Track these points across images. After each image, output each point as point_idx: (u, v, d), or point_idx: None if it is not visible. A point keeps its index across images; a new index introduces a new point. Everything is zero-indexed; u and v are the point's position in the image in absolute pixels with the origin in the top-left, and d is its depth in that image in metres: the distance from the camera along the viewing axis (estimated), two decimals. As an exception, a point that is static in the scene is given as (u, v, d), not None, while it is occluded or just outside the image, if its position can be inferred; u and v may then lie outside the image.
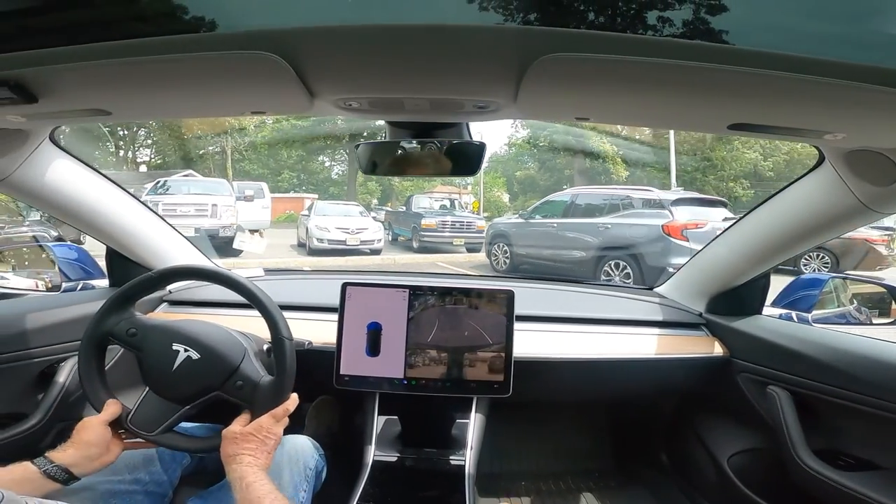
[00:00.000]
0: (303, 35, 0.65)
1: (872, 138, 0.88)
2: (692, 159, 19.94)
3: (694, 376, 1.61)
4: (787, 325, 1.50)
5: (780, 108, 0.75)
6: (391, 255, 10.39)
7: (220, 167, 19.00)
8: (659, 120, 1.06)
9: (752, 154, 20.17)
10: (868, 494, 1.12)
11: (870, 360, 1.20)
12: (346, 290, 1.35)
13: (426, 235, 10.74)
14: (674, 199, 6.81)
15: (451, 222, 10.99)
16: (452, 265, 9.24)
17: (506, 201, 22.23)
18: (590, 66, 0.65)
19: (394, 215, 13.61)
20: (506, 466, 1.98)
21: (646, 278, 6.19)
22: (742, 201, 20.05)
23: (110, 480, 1.04)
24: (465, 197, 17.85)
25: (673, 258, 5.96)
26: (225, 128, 17.44)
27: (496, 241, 8.91)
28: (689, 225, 6.25)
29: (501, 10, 0.61)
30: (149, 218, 1.56)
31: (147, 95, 0.87)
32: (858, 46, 0.60)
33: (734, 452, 1.54)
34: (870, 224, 1.61)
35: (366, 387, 1.34)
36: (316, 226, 10.30)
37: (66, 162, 1.27)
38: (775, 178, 20.89)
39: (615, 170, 19.38)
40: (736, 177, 20.86)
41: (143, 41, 0.66)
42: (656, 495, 1.83)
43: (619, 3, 0.60)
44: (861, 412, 1.19)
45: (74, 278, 1.60)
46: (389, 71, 0.76)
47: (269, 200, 13.80)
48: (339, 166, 24.44)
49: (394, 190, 22.97)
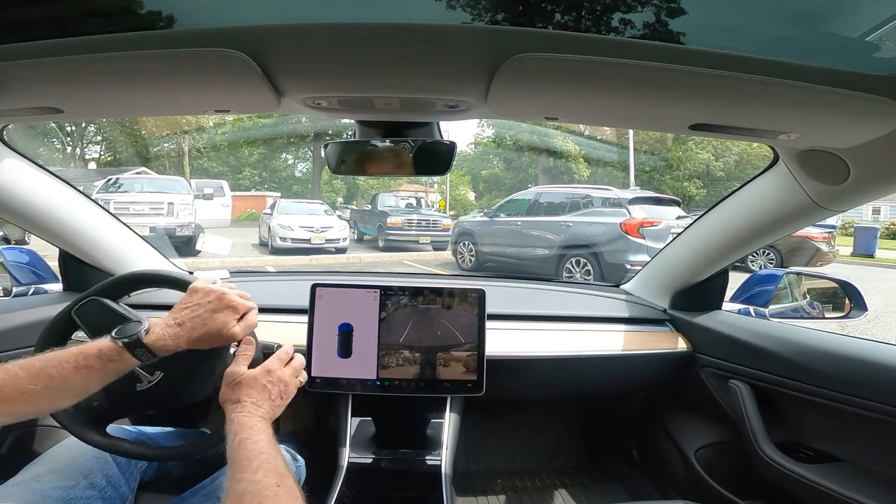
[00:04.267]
0: (270, 33, 0.65)
1: (824, 138, 0.91)
2: (650, 159, 20.54)
3: (660, 371, 1.65)
4: (745, 320, 1.54)
5: (738, 108, 0.78)
6: (357, 254, 10.32)
7: (177, 165, 18.38)
8: (624, 120, 1.09)
9: (704, 154, 21.00)
10: (828, 486, 1.16)
11: (825, 354, 1.24)
12: (316, 291, 1.33)
13: (392, 234, 10.80)
14: (630, 198, 7.09)
15: (417, 221, 11.13)
16: (418, 263, 9.39)
17: (472, 199, 22.38)
18: (558, 65, 0.66)
19: (359, 214, 13.61)
20: (481, 465, 1.99)
21: (605, 274, 6.46)
22: (696, 200, 20.83)
23: (63, 486, 0.98)
24: (432, 195, 17.98)
25: (631, 255, 6.31)
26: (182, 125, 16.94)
27: (461, 239, 9.05)
28: (645, 223, 6.56)
29: (472, 9, 0.62)
30: (104, 219, 1.50)
31: (102, 93, 0.84)
32: (811, 49, 0.63)
33: (701, 446, 1.58)
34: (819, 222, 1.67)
35: (338, 389, 1.32)
36: (279, 224, 10.14)
37: (17, 162, 1.22)
38: (726, 177, 21.89)
39: (577, 169, 19.83)
40: (690, 176, 21.71)
41: (99, 37, 0.65)
42: (628, 489, 1.87)
43: (587, 5, 0.62)
44: (819, 405, 1.24)
45: (25, 282, 1.52)
46: (359, 70, 0.76)
47: (230, 198, 13.61)
48: (303, 164, 24.07)
49: (360, 188, 22.82)
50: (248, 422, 0.81)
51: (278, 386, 0.89)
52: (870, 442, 1.20)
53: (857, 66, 0.65)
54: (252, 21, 0.64)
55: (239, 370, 0.89)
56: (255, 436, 0.78)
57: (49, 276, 1.58)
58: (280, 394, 0.89)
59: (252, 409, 0.83)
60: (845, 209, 1.15)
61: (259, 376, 0.88)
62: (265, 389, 0.87)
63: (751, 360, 1.40)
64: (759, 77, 0.64)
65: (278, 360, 0.93)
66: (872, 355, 1.17)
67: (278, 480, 0.70)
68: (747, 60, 0.63)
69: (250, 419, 0.81)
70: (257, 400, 0.85)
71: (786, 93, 0.68)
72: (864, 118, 0.77)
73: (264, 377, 0.88)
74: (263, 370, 0.90)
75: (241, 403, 0.84)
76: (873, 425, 1.15)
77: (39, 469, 1.01)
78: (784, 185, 1.16)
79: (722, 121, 0.83)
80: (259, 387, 0.87)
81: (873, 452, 1.20)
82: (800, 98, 0.70)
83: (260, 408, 0.84)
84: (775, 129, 0.86)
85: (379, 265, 9.63)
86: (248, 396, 0.85)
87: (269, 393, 0.87)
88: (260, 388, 0.87)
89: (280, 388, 0.90)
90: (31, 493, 0.93)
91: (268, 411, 0.85)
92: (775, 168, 1.17)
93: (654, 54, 0.63)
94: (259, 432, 0.79)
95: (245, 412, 0.82)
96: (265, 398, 0.86)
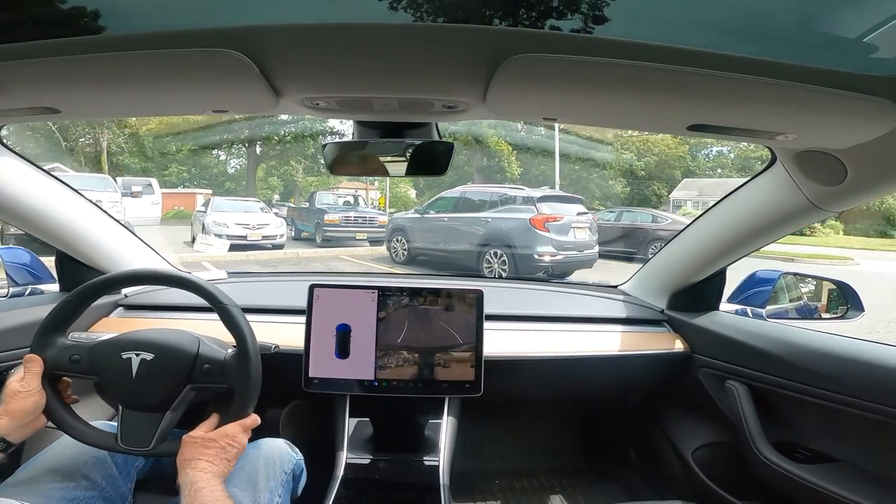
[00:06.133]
0: (268, 33, 0.65)
1: (822, 139, 0.91)
2: (579, 157, 21.24)
3: (657, 372, 1.65)
4: (742, 321, 1.55)
5: (736, 109, 0.78)
6: (294, 250, 10.46)
7: (93, 160, 17.30)
8: (622, 121, 1.09)
9: (628, 155, 21.96)
10: (825, 486, 1.17)
11: (821, 354, 1.25)
12: (314, 292, 1.32)
13: (329, 231, 11.06)
14: (539, 196, 8.00)
15: (355, 218, 11.53)
16: (354, 258, 9.74)
17: (413, 197, 22.24)
18: (557, 66, 0.67)
19: (297, 211, 13.69)
20: (479, 465, 1.99)
21: (518, 265, 7.28)
22: (620, 197, 21.86)
23: (65, 487, 0.99)
24: (372, 193, 17.79)
25: (538, 246, 7.27)
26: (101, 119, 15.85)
27: (395, 234, 9.48)
28: (550, 218, 7.49)
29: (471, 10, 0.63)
30: (100, 219, 1.49)
31: (99, 94, 0.84)
32: (809, 50, 0.63)
33: (698, 446, 1.58)
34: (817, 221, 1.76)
35: (336, 389, 1.31)
36: (214, 222, 10.11)
37: (13, 162, 1.21)
38: (647, 176, 23.04)
39: (510, 168, 20.19)
40: (615, 175, 22.62)
41: (96, 38, 0.64)
42: (626, 490, 1.87)
43: (586, 6, 0.62)
44: (815, 405, 1.24)
45: (22, 283, 1.51)
46: (358, 70, 0.75)
47: (160, 196, 13.43)
48: (237, 160, 23.01)
49: (297, 186, 22.26)
50: (203, 476, 0.87)
51: (236, 450, 0.96)
52: (866, 442, 1.20)
53: (855, 67, 0.65)
54: (250, 21, 0.63)
55: (197, 434, 0.95)
56: (210, 486, 0.85)
57: (45, 276, 1.57)
58: (235, 455, 0.96)
59: (207, 466, 0.90)
60: (842, 210, 1.15)
61: (217, 438, 0.95)
62: (223, 451, 0.93)
63: (748, 361, 1.40)
64: (758, 78, 0.65)
65: (240, 426, 0.99)
66: (869, 356, 1.17)
67: None
68: (745, 61, 0.63)
69: (205, 475, 0.88)
70: (213, 459, 0.91)
71: (784, 94, 0.69)
72: (861, 119, 0.77)
73: (223, 439, 0.95)
74: (222, 433, 0.95)
75: (195, 462, 0.90)
76: (869, 425, 1.15)
77: (39, 469, 1.02)
78: (781, 185, 1.16)
79: (720, 121, 0.84)
80: (217, 447, 0.93)
81: (869, 452, 1.20)
82: (797, 99, 0.70)
83: (216, 466, 0.91)
84: (773, 129, 0.86)
85: (316, 259, 9.83)
86: (205, 456, 0.91)
87: (226, 454, 0.94)
88: (217, 450, 0.93)
89: (235, 453, 0.96)
90: (33, 494, 0.93)
91: (222, 470, 0.91)
92: (773, 169, 1.17)
93: (652, 55, 0.63)
94: (214, 484, 0.86)
95: (199, 469, 0.89)
96: (221, 458, 0.93)
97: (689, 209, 20.41)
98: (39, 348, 1.00)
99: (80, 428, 1.01)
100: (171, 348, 1.01)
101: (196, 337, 1.05)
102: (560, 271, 7.50)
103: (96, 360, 1.00)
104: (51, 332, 1.02)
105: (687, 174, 24.11)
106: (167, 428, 1.00)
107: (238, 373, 1.01)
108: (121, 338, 1.03)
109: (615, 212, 12.70)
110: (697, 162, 26.62)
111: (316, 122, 16.71)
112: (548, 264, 7.31)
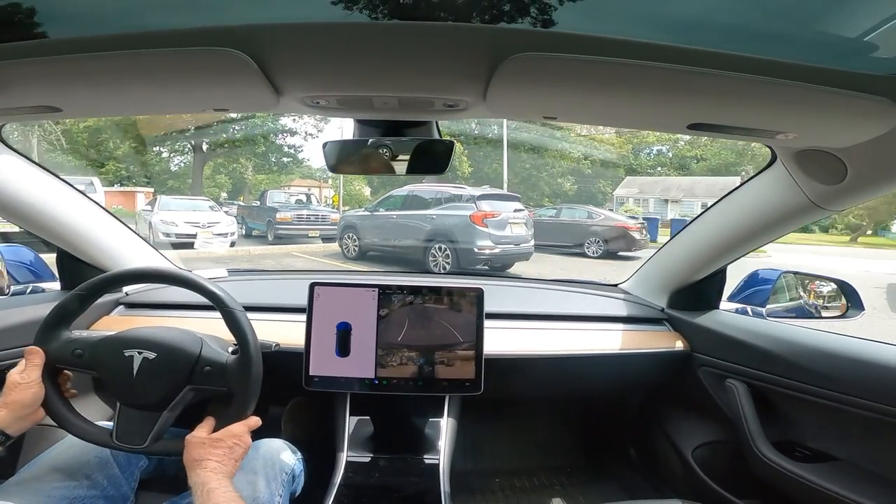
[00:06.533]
0: (268, 31, 0.65)
1: (822, 138, 0.91)
2: (530, 156, 21.58)
3: (658, 370, 1.65)
4: (742, 320, 1.54)
5: (736, 108, 0.78)
6: (245, 248, 10.63)
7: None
8: (623, 120, 1.09)
9: (576, 153, 22.49)
10: (824, 485, 1.17)
11: (822, 353, 1.25)
12: (315, 290, 1.32)
13: (281, 228, 11.32)
14: (479, 194, 8.67)
15: (307, 216, 11.84)
16: (307, 254, 9.98)
17: (367, 195, 22.01)
18: (557, 65, 0.67)
19: (247, 210, 13.80)
20: (479, 464, 1.99)
21: (460, 258, 7.97)
22: (569, 195, 22.46)
23: (67, 486, 1.00)
24: (326, 191, 17.54)
25: (477, 241, 7.97)
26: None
27: (346, 231, 9.94)
28: (489, 214, 8.15)
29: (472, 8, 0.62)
30: (101, 217, 1.49)
31: (100, 92, 0.84)
32: (809, 49, 0.63)
33: (698, 445, 1.59)
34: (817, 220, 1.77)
35: (336, 387, 1.31)
36: (161, 220, 10.13)
37: (14, 160, 1.21)
38: (593, 174, 23.75)
39: (461, 167, 20.32)
40: (563, 173, 23.17)
41: (97, 36, 0.64)
42: (626, 489, 1.87)
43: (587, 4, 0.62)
44: (815, 404, 1.24)
45: (23, 281, 1.51)
46: (358, 69, 0.75)
47: (103, 195, 13.36)
48: (180, 157, 21.98)
49: (247, 184, 21.62)
50: (214, 477, 0.88)
51: (242, 450, 0.97)
52: (866, 441, 1.20)
53: (856, 66, 0.65)
54: (250, 20, 0.63)
55: (201, 434, 0.96)
56: (222, 487, 0.86)
57: (46, 274, 1.57)
58: (242, 454, 0.97)
59: (217, 466, 0.90)
60: (843, 209, 1.15)
61: (224, 438, 0.95)
62: (230, 451, 0.94)
63: (748, 360, 1.40)
64: (758, 77, 0.65)
65: (246, 426, 1.00)
66: (869, 355, 1.17)
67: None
68: (746, 60, 0.63)
69: (215, 475, 0.88)
70: (221, 459, 0.92)
71: (784, 93, 0.69)
72: (862, 118, 0.77)
73: (231, 439, 0.95)
74: (228, 434, 0.96)
75: (204, 462, 0.90)
76: (869, 425, 1.15)
77: (41, 469, 1.02)
78: (782, 184, 1.16)
79: (720, 120, 0.84)
80: (225, 448, 0.94)
81: (869, 452, 1.20)
82: (798, 98, 0.70)
83: (225, 466, 0.91)
84: (773, 128, 0.87)
85: (269, 256, 9.95)
86: (213, 456, 0.92)
87: (234, 454, 0.94)
88: (225, 449, 0.94)
89: (242, 452, 0.97)
90: (34, 493, 0.94)
91: (230, 470, 0.92)
92: (773, 168, 1.17)
93: (652, 54, 0.63)
94: (225, 484, 0.87)
95: (209, 469, 0.89)
96: (230, 458, 0.93)
97: (630, 206, 21.22)
98: (42, 342, 1.00)
99: (76, 423, 1.01)
100: (173, 348, 1.01)
101: (199, 338, 1.05)
102: (500, 263, 8.24)
103: (98, 355, 1.00)
104: (54, 326, 1.02)
105: (630, 172, 24.97)
106: (163, 427, 1.01)
107: (239, 376, 1.01)
108: (124, 335, 1.03)
109: (557, 209, 13.74)
110: (640, 160, 27.54)
111: (268, 119, 16.29)
112: (487, 257, 8.01)
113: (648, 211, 20.13)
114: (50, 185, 1.31)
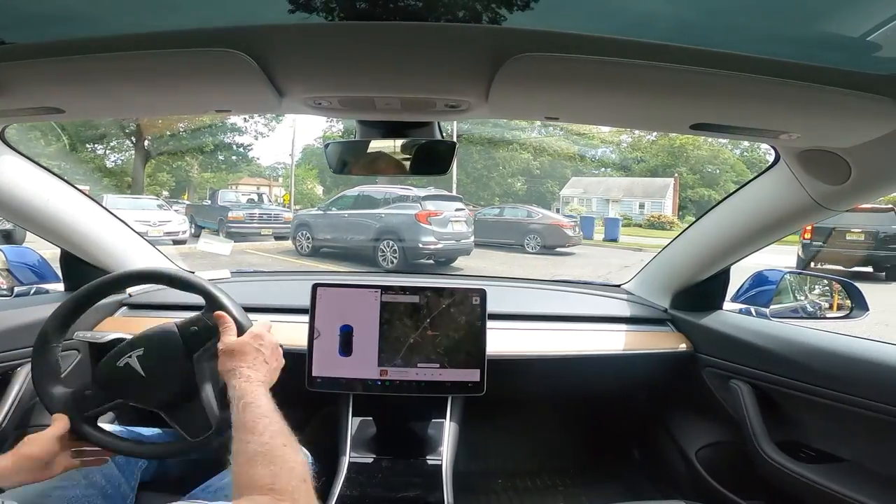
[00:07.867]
0: (271, 32, 0.65)
1: (825, 138, 0.91)
2: (482, 157, 21.77)
3: (661, 371, 1.64)
4: (746, 320, 1.54)
5: (739, 108, 0.78)
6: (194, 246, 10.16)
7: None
8: (625, 120, 1.09)
9: (525, 154, 22.86)
10: (829, 486, 1.16)
11: (826, 354, 1.24)
12: (317, 291, 1.32)
13: (233, 227, 11.48)
14: (424, 195, 9.20)
15: (259, 215, 12.16)
16: (261, 251, 10.20)
17: (319, 194, 21.62)
18: (560, 66, 0.67)
19: (196, 209, 13.79)
20: (482, 465, 1.97)
21: (406, 254, 8.57)
22: (519, 195, 22.87)
23: (64, 486, 0.99)
24: (277, 189, 17.16)
25: (422, 237, 8.55)
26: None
27: (300, 230, 10.34)
28: (432, 213, 8.75)
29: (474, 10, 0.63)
30: (104, 218, 1.51)
31: (104, 93, 0.84)
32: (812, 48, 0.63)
33: (702, 446, 1.58)
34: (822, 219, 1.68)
35: (339, 388, 1.31)
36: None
37: (17, 161, 1.22)
38: (542, 175, 24.25)
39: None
40: (514, 174, 23.53)
41: (100, 37, 0.65)
42: (630, 490, 1.86)
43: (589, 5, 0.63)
44: (820, 405, 1.24)
45: (27, 282, 1.52)
46: (360, 70, 0.76)
47: None
48: (117, 155, 20.68)
49: (191, 182, 20.74)
50: (248, 387, 0.84)
51: (269, 348, 0.94)
52: (871, 442, 1.20)
53: (859, 65, 0.65)
54: (253, 21, 0.64)
55: (229, 340, 0.92)
56: (257, 400, 0.82)
57: (50, 275, 1.58)
58: (272, 356, 0.94)
59: (250, 374, 0.87)
60: (847, 208, 1.14)
61: (249, 341, 0.92)
62: (258, 353, 0.91)
63: (752, 360, 1.39)
64: (761, 77, 0.65)
65: (263, 325, 0.98)
66: (874, 355, 1.16)
67: (284, 441, 0.76)
68: (748, 60, 0.63)
69: (250, 384, 0.85)
70: (253, 364, 0.89)
71: (787, 92, 0.68)
72: (865, 118, 0.77)
73: (255, 341, 0.93)
74: (251, 335, 0.94)
75: (238, 370, 0.87)
76: (874, 425, 1.14)
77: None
78: (785, 184, 1.15)
79: (723, 120, 0.84)
80: (252, 351, 0.91)
81: (874, 452, 1.19)
82: (801, 98, 0.70)
83: (258, 372, 0.88)
84: (776, 128, 0.86)
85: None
86: (244, 362, 0.89)
87: (262, 356, 0.91)
88: (253, 353, 0.91)
89: (271, 350, 0.94)
90: (32, 493, 0.93)
91: (265, 375, 0.89)
92: (776, 168, 1.16)
93: (655, 54, 0.63)
94: (260, 396, 0.83)
95: (244, 378, 0.86)
96: (260, 362, 0.90)
97: (575, 206, 21.82)
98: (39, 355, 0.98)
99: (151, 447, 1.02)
100: (153, 335, 1.00)
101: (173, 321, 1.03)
102: (444, 258, 9.02)
103: (105, 382, 0.98)
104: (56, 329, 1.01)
105: (577, 173, 25.59)
106: (211, 405, 0.95)
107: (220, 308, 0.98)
108: (109, 354, 1.00)
109: (500, 208, 14.73)
110: (585, 162, 28.30)
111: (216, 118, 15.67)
112: (431, 252, 8.68)
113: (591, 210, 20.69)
114: (53, 186, 1.31)
